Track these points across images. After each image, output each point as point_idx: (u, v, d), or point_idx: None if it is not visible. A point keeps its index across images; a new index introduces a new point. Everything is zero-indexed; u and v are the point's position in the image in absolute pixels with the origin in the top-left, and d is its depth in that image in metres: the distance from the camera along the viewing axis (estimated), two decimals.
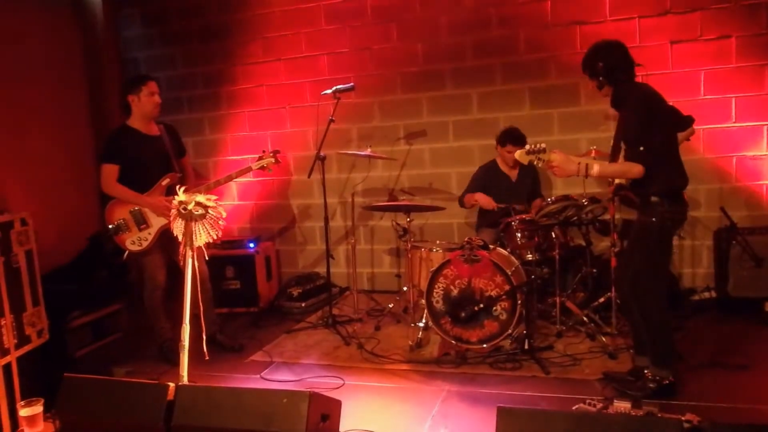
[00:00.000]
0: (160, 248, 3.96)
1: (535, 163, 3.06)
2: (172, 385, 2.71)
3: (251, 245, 5.33)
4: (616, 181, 3.18)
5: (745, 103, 4.67)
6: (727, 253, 4.40)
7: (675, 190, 3.05)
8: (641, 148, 2.95)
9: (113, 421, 2.76)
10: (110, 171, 3.89)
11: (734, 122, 4.72)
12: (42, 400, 2.98)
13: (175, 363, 3.60)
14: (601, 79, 3.14)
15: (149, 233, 3.91)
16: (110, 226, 3.91)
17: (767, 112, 4.63)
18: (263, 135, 5.86)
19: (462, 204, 4.86)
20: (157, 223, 3.90)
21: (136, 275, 4.52)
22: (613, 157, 3.14)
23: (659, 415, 2.63)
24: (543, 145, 3.05)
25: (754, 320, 4.19)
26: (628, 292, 3.23)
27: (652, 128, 2.98)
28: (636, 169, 2.96)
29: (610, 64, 3.10)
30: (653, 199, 3.00)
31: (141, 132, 3.96)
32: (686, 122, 3.40)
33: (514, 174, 4.76)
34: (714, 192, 4.76)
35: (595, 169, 3.01)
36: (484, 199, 4.62)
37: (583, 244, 4.32)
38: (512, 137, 4.60)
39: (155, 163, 3.95)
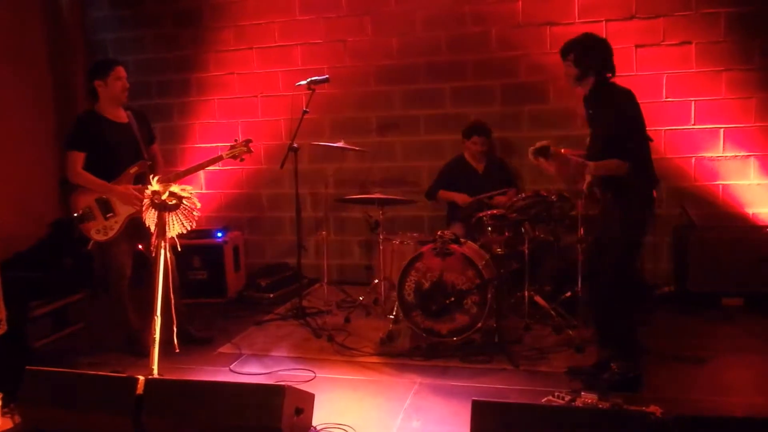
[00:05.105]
0: (126, 237, 3.87)
1: (542, 163, 3.12)
2: (141, 378, 2.67)
3: (219, 235, 5.27)
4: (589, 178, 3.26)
5: (703, 107, 4.86)
6: (686, 250, 4.58)
7: (651, 190, 3.16)
8: (630, 145, 3.03)
9: (78, 416, 2.70)
10: (76, 158, 3.77)
11: (693, 124, 4.90)
12: (0, 395, 2.89)
13: (143, 355, 3.55)
14: (585, 66, 3.19)
15: (115, 222, 3.81)
16: (75, 215, 3.80)
17: (724, 115, 4.84)
18: (233, 123, 5.79)
19: (433, 198, 4.94)
20: (123, 212, 3.81)
21: (100, 264, 4.42)
22: (591, 155, 3.19)
23: (624, 407, 2.73)
24: (546, 142, 3.10)
25: (712, 315, 4.37)
26: (594, 287, 3.33)
27: (640, 128, 3.08)
28: (624, 167, 3.04)
29: (601, 58, 3.17)
30: (631, 198, 3.09)
31: (108, 118, 3.86)
32: None
33: (481, 167, 4.89)
34: (674, 190, 4.92)
35: (590, 167, 3.10)
36: (459, 197, 4.74)
37: (551, 239, 4.43)
38: (477, 129, 4.78)
39: (123, 151, 3.85)
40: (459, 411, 2.89)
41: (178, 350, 3.02)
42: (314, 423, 2.83)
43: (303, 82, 4.49)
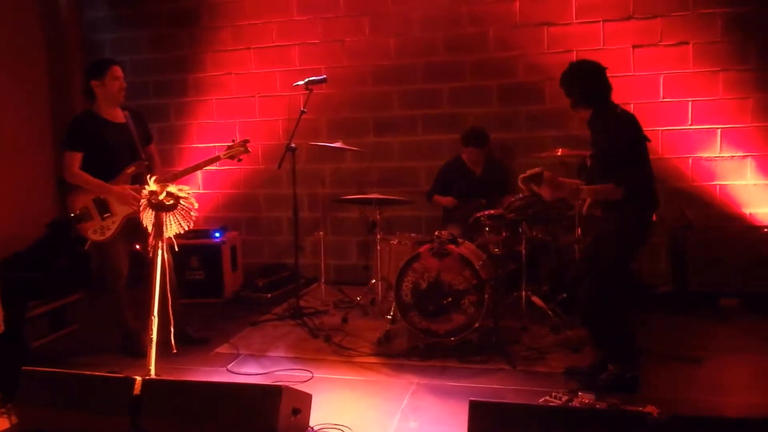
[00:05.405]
0: (123, 237, 3.87)
1: (534, 189, 3.13)
2: (138, 379, 2.66)
3: (217, 235, 5.26)
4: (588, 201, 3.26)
5: (701, 107, 4.87)
6: (684, 250, 4.58)
7: (651, 214, 3.17)
8: (625, 172, 3.02)
9: (75, 416, 2.69)
10: (73, 158, 3.77)
11: (690, 125, 4.90)
12: None
13: (140, 355, 3.54)
14: (577, 98, 3.20)
15: (112, 222, 3.81)
16: (72, 215, 3.80)
17: (721, 115, 4.85)
18: (231, 123, 5.80)
19: (430, 201, 4.98)
20: (120, 212, 3.81)
21: (97, 264, 4.41)
22: (593, 179, 3.19)
23: (621, 407, 2.74)
24: (538, 170, 3.10)
25: (709, 315, 4.38)
26: (591, 289, 3.32)
27: (634, 158, 3.07)
28: (619, 194, 3.04)
29: (589, 86, 3.17)
30: (630, 219, 3.09)
31: (106, 118, 3.86)
32: None
33: (479, 169, 4.89)
34: (671, 191, 4.92)
35: (584, 191, 3.12)
36: (446, 201, 4.83)
37: (549, 239, 4.43)
38: (473, 140, 4.77)
39: (121, 151, 3.85)
40: (456, 411, 2.89)
41: (175, 350, 3.02)
42: (311, 423, 2.82)
43: (300, 83, 4.49)
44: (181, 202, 2.96)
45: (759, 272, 4.40)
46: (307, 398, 2.80)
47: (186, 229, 3.01)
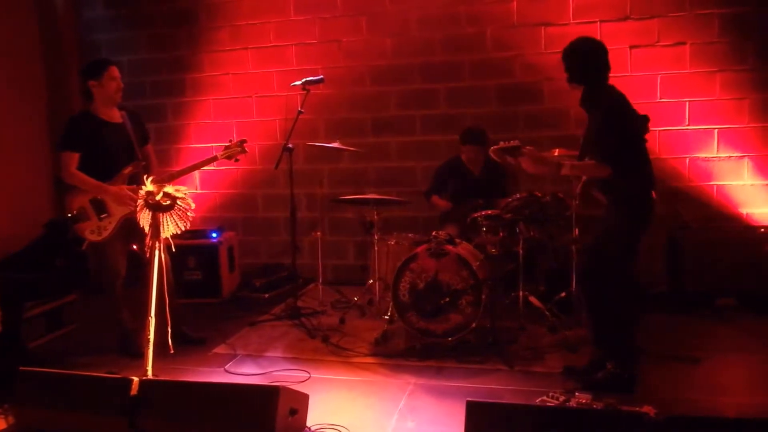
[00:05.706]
0: (120, 238, 3.87)
1: (508, 160, 3.14)
2: (135, 379, 2.67)
3: (214, 235, 5.26)
4: (583, 178, 3.27)
5: (698, 107, 4.88)
6: (681, 250, 4.59)
7: (648, 191, 3.17)
8: (612, 152, 3.04)
9: (73, 417, 2.70)
10: (70, 159, 3.77)
11: (688, 125, 4.91)
12: None
13: (137, 356, 3.54)
14: (574, 74, 3.22)
15: (109, 222, 3.82)
16: (69, 215, 3.80)
17: (718, 116, 4.86)
18: (228, 123, 5.80)
19: (428, 201, 4.98)
20: (117, 212, 3.81)
21: (95, 265, 4.41)
22: (582, 157, 3.22)
23: (618, 407, 2.74)
24: (515, 143, 3.13)
25: (706, 315, 4.39)
26: (592, 287, 3.33)
27: (624, 134, 3.08)
28: (605, 171, 3.05)
29: (588, 63, 3.18)
30: (628, 198, 3.10)
31: (103, 119, 3.85)
32: (645, 123, 3.52)
33: (477, 170, 4.86)
34: (668, 191, 4.92)
35: (566, 167, 3.11)
36: (441, 203, 4.83)
37: (546, 239, 4.44)
38: (472, 138, 4.73)
39: (118, 151, 3.85)
40: (453, 411, 2.89)
41: (172, 351, 3.02)
42: (309, 423, 2.83)
43: (298, 83, 4.48)
44: (178, 202, 2.96)
45: (756, 272, 4.41)
46: (304, 398, 2.81)
47: (183, 229, 3.02)
